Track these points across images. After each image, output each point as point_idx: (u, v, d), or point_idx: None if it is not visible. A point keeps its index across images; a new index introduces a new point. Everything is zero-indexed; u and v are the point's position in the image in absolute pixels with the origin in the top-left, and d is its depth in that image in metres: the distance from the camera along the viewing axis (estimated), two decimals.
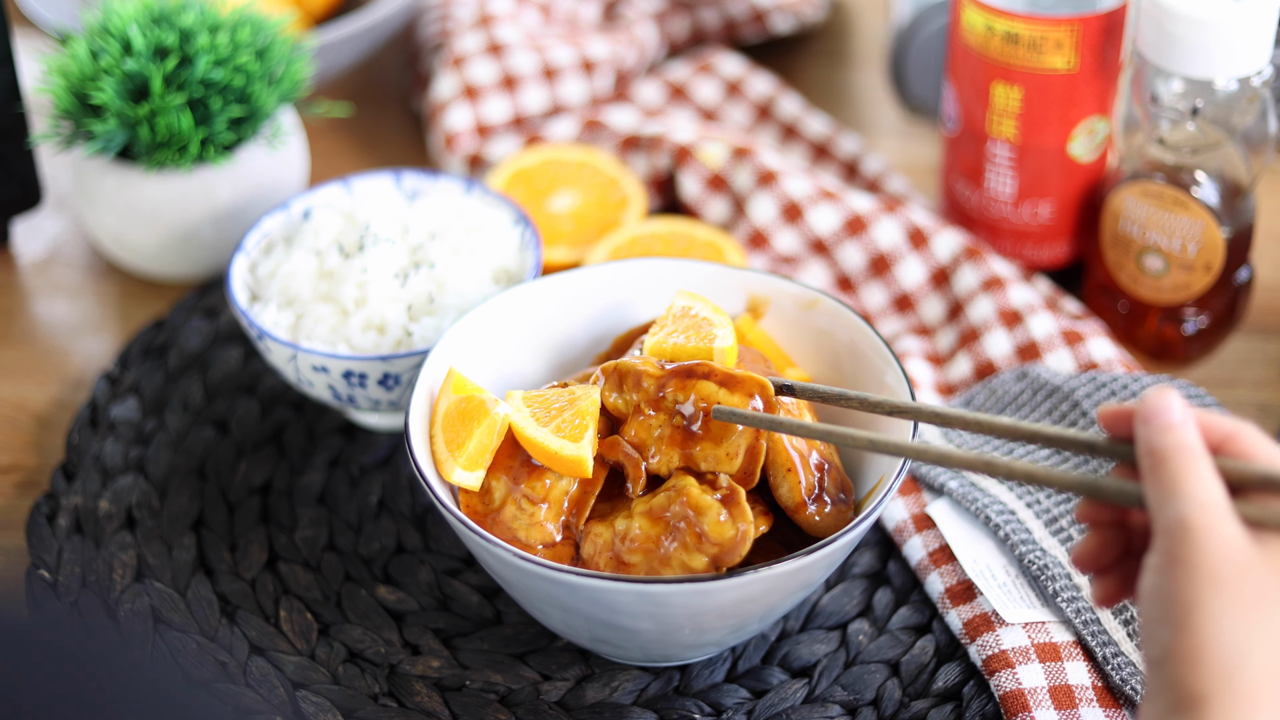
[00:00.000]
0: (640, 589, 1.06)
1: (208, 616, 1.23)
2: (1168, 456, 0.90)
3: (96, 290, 1.55)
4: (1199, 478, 0.90)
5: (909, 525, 1.26)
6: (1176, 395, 0.93)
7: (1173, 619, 0.87)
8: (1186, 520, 0.88)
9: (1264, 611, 0.86)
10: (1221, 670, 0.86)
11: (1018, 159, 1.43)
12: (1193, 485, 0.89)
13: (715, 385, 1.13)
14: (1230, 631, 0.86)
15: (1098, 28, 1.36)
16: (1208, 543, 0.87)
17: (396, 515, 1.31)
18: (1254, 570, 0.87)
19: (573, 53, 1.66)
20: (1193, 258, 1.37)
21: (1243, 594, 0.86)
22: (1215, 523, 0.88)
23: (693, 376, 1.14)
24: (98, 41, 1.45)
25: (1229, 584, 0.86)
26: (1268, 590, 0.87)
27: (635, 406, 1.16)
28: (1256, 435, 0.93)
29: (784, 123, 1.66)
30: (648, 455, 1.15)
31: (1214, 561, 0.87)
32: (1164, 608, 0.88)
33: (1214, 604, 0.86)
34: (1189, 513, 0.88)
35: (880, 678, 1.20)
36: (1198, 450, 0.91)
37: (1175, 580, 0.87)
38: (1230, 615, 0.86)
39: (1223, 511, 0.88)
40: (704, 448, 1.14)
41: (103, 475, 1.33)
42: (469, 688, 1.19)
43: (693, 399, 1.14)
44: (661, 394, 1.15)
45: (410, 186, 1.42)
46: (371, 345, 1.29)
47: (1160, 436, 0.91)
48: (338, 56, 1.65)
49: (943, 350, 1.42)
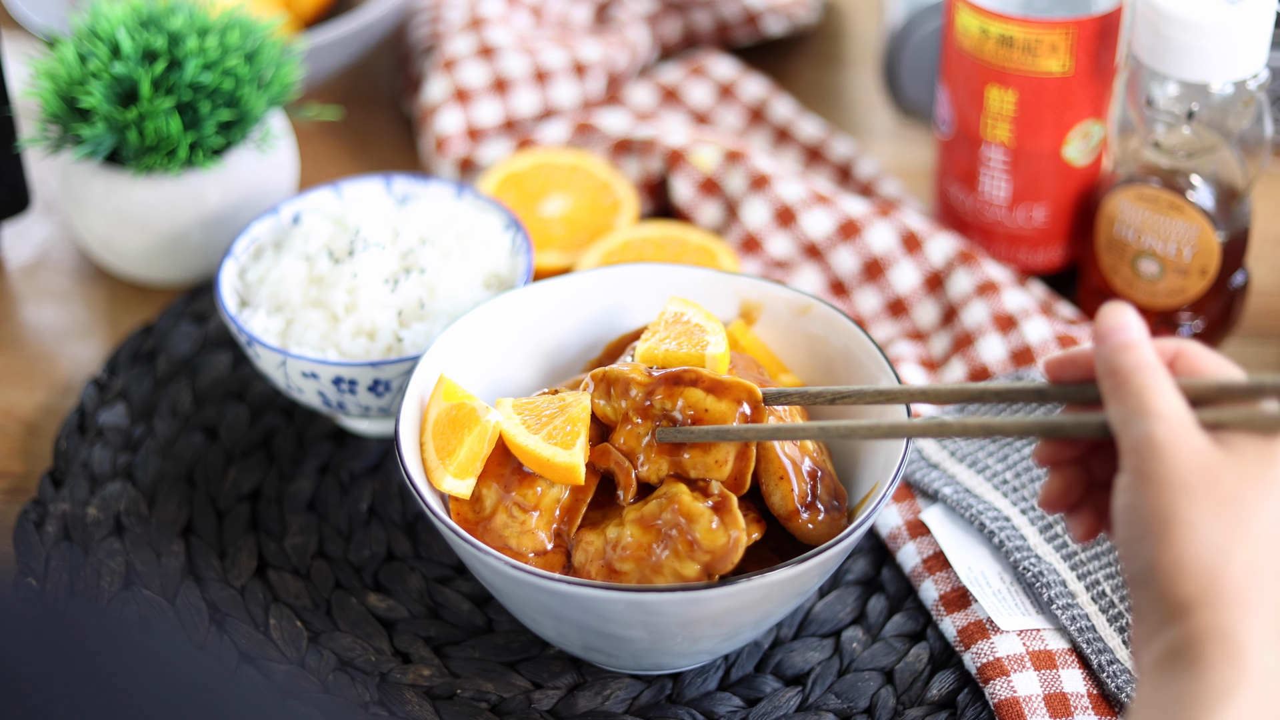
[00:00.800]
0: (632, 598, 1.05)
1: (196, 625, 1.22)
2: (1129, 374, 0.92)
3: (85, 295, 1.54)
4: (1160, 392, 0.91)
5: (903, 532, 1.26)
6: (1131, 311, 0.94)
7: (1151, 534, 0.88)
8: (1152, 436, 0.89)
9: (1238, 511, 0.88)
10: (1206, 573, 0.87)
11: (1012, 162, 1.42)
12: (1155, 400, 0.90)
13: (703, 392, 1.13)
14: (1208, 535, 0.87)
15: (1092, 31, 1.36)
16: (1175, 454, 0.88)
17: (387, 522, 1.30)
18: (1223, 473, 0.88)
19: (564, 55, 1.65)
20: (1188, 262, 1.37)
21: (1215, 497, 0.88)
22: (1181, 434, 0.89)
23: (680, 383, 1.13)
24: (86, 45, 1.44)
25: (1200, 490, 0.88)
26: (1239, 490, 0.88)
27: (624, 415, 1.15)
28: (1200, 350, 0.95)
29: (777, 126, 1.66)
30: (637, 463, 1.14)
31: (1183, 471, 0.88)
32: (1140, 525, 0.89)
33: (1188, 511, 0.88)
34: (1154, 428, 0.89)
35: (874, 686, 1.19)
36: (1156, 365, 0.92)
37: (1148, 496, 0.89)
38: (1206, 520, 0.87)
39: (1187, 422, 0.90)
40: (693, 455, 1.13)
41: (91, 482, 1.33)
42: (460, 696, 1.18)
43: (680, 406, 1.13)
44: (649, 402, 1.14)
45: (401, 191, 1.42)
46: (361, 351, 1.29)
47: (1119, 355, 0.92)
48: (328, 59, 1.64)
49: (936, 355, 1.42)
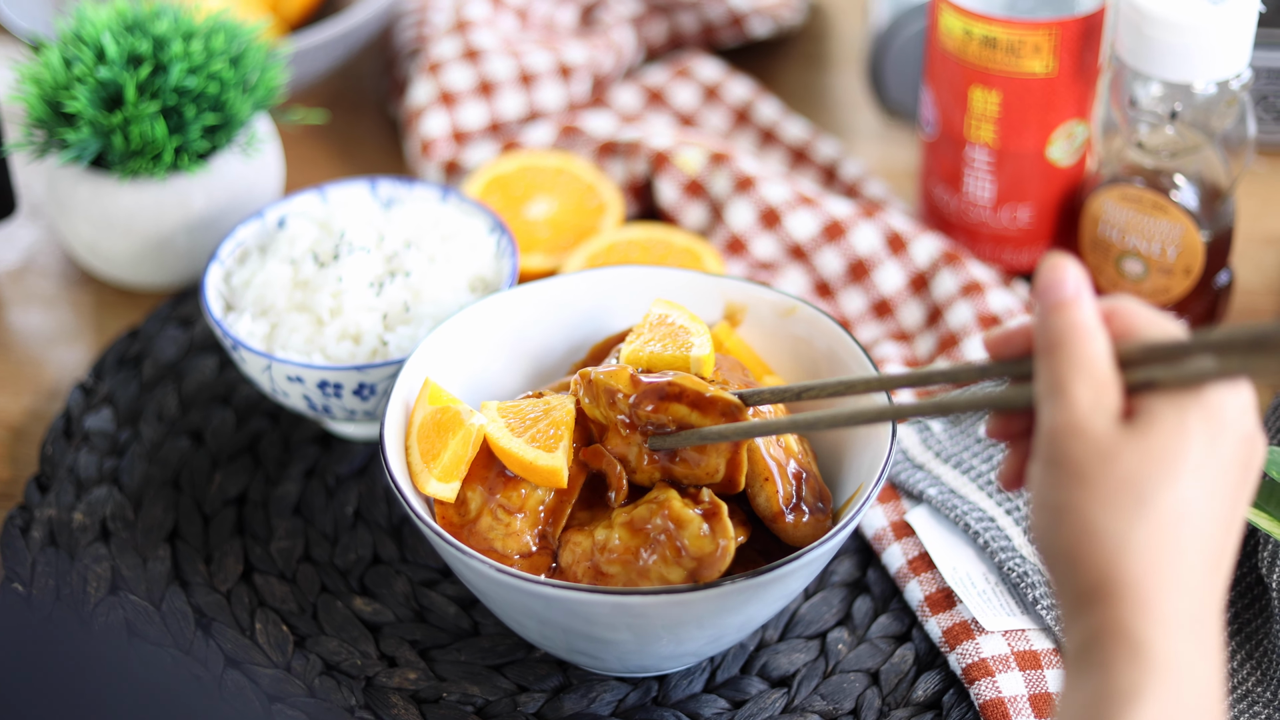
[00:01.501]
0: (617, 600, 1.06)
1: (183, 629, 1.22)
2: (1058, 341, 0.88)
3: (71, 300, 1.54)
4: (1082, 368, 0.87)
5: (888, 533, 1.26)
6: (1071, 265, 0.89)
7: (1050, 524, 0.88)
8: (1056, 423, 0.87)
9: (1134, 494, 0.86)
10: (1101, 565, 0.86)
11: (996, 163, 1.42)
12: (1071, 379, 0.87)
13: (687, 408, 1.12)
14: (1101, 523, 0.86)
15: (1076, 31, 1.36)
16: (1073, 442, 0.86)
17: (373, 526, 1.30)
18: (1120, 458, 0.86)
19: (550, 58, 1.65)
20: (1172, 262, 1.37)
21: (1108, 484, 0.86)
22: (1084, 418, 0.87)
23: (665, 399, 1.13)
24: (71, 49, 1.44)
25: (1093, 478, 0.86)
26: (1136, 472, 0.86)
27: (613, 423, 1.15)
28: (1134, 307, 0.91)
29: (762, 127, 1.66)
30: (629, 469, 1.15)
31: (1079, 459, 0.86)
32: (1042, 514, 0.88)
33: (1080, 500, 0.86)
34: (1059, 415, 0.87)
35: (859, 687, 1.19)
36: (1089, 329, 0.88)
37: (1048, 483, 0.88)
38: (1097, 507, 0.86)
39: (1095, 407, 0.87)
40: (684, 467, 1.13)
41: (77, 487, 1.33)
42: (446, 700, 1.18)
43: (667, 418, 1.13)
44: (635, 416, 1.14)
45: (386, 194, 1.42)
46: (347, 355, 1.29)
47: (1053, 316, 0.89)
48: (313, 63, 1.64)
49: (921, 356, 1.42)
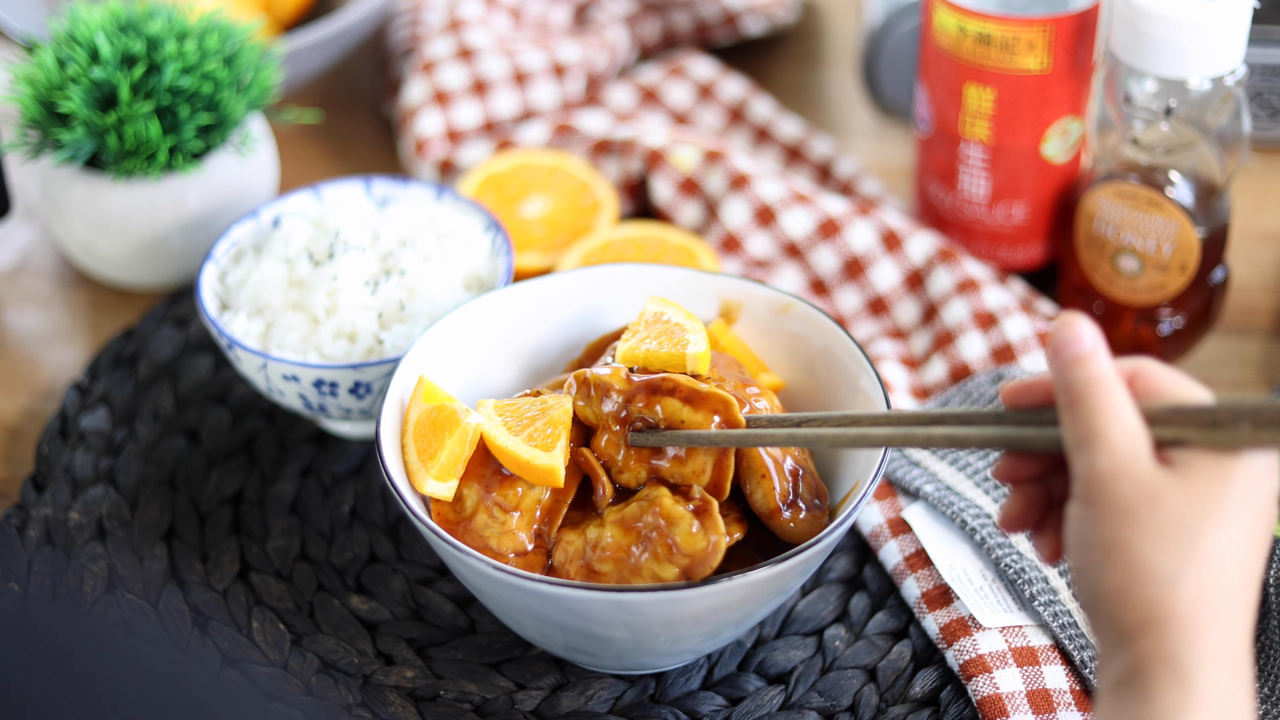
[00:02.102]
0: (614, 598, 1.05)
1: (179, 628, 1.22)
2: (1082, 393, 0.89)
3: (66, 300, 1.54)
4: (1110, 413, 0.89)
5: (885, 530, 1.26)
6: (1086, 322, 0.91)
7: (1097, 562, 0.88)
8: (1096, 465, 0.88)
9: (1185, 535, 0.87)
10: (1151, 602, 0.86)
11: (991, 160, 1.42)
12: (1104, 423, 0.89)
13: (679, 402, 1.13)
14: (1154, 560, 0.87)
15: (1070, 28, 1.36)
16: (1120, 482, 0.88)
17: (369, 524, 1.30)
18: (1167, 498, 0.87)
19: (543, 57, 1.65)
20: (1168, 258, 1.37)
21: (1158, 523, 0.87)
22: (1127, 462, 0.88)
23: (658, 393, 1.13)
24: (65, 50, 1.44)
25: (1143, 517, 0.87)
26: (1184, 514, 0.87)
27: (604, 421, 1.15)
28: (1157, 369, 0.92)
29: (756, 125, 1.66)
30: (616, 470, 1.15)
31: (1127, 499, 0.87)
32: (1087, 552, 0.89)
33: (1131, 538, 0.87)
34: (1098, 458, 0.88)
35: (857, 683, 1.19)
36: (1111, 381, 0.90)
37: (1093, 523, 0.88)
38: (1149, 544, 0.87)
39: (1134, 448, 0.88)
40: (672, 465, 1.13)
41: (73, 486, 1.32)
42: (443, 698, 1.18)
43: (659, 413, 1.13)
44: (626, 411, 1.14)
45: (380, 193, 1.41)
46: (342, 354, 1.29)
47: (1073, 370, 0.90)
48: (307, 63, 1.64)
49: (917, 353, 1.42)
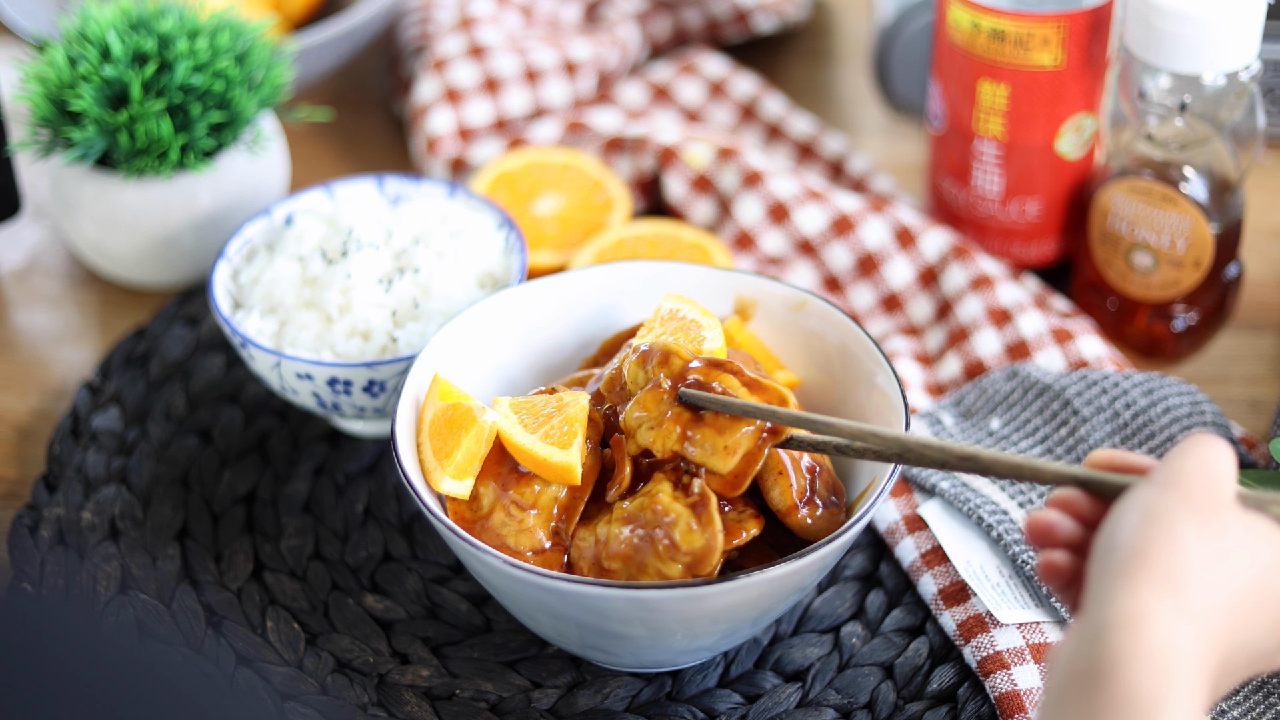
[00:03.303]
0: (631, 595, 1.05)
1: (193, 628, 1.22)
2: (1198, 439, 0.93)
3: (76, 299, 1.54)
4: (1217, 447, 0.93)
5: (901, 526, 1.25)
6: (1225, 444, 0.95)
7: (1133, 520, 0.90)
8: (1190, 456, 0.92)
9: (1222, 545, 0.89)
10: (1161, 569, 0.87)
11: (1005, 157, 1.42)
12: (1207, 449, 0.93)
13: (739, 383, 1.12)
14: (1184, 540, 0.88)
15: (1084, 24, 1.36)
16: (1200, 477, 0.91)
17: (383, 523, 1.30)
18: (1228, 517, 0.90)
19: (555, 54, 1.65)
20: (1182, 254, 1.37)
21: (1209, 525, 0.90)
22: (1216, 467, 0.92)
23: (720, 369, 1.13)
24: (75, 48, 1.44)
25: (1201, 512, 0.90)
26: (1232, 536, 0.90)
27: (655, 381, 1.14)
28: None
29: (768, 123, 1.65)
30: (649, 426, 1.13)
31: (1199, 493, 0.91)
32: (1131, 513, 0.90)
33: (1181, 516, 0.89)
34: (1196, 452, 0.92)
35: (874, 681, 1.18)
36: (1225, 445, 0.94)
37: (1155, 496, 0.91)
38: (1189, 530, 0.89)
39: (1228, 471, 0.92)
40: (705, 434, 1.12)
41: (85, 486, 1.32)
42: (459, 696, 1.18)
43: (714, 385, 1.12)
44: (683, 373, 1.13)
45: (393, 191, 1.41)
46: (356, 352, 1.28)
47: (1195, 436, 0.94)
48: (318, 60, 1.64)
49: (932, 350, 1.41)
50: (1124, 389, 1.30)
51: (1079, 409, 1.30)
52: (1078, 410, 1.30)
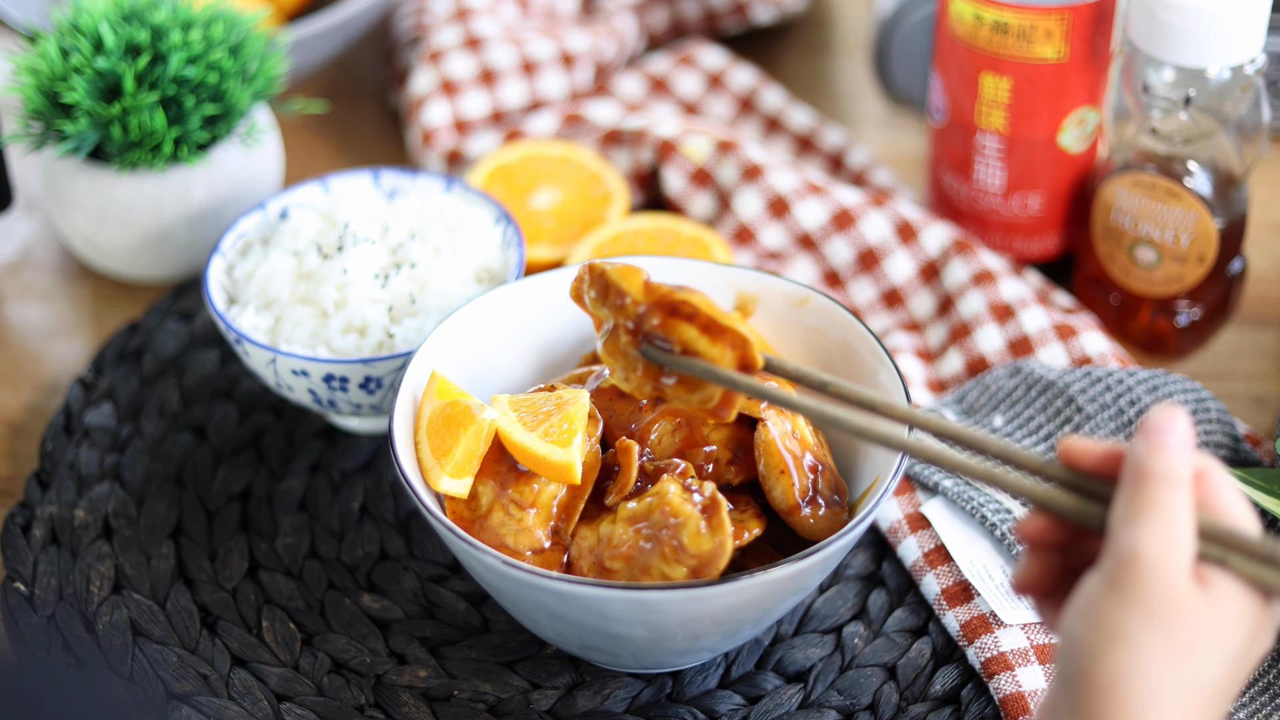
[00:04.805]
0: (632, 596, 1.04)
1: (188, 628, 1.21)
2: (1153, 479, 0.88)
3: (69, 293, 1.52)
4: (1171, 511, 0.88)
5: (903, 525, 1.24)
6: (1184, 418, 0.90)
7: (1097, 643, 0.87)
8: (1140, 549, 0.87)
9: (1189, 658, 0.86)
10: (1132, 707, 0.85)
11: (1007, 150, 1.41)
12: (1161, 515, 0.88)
13: (697, 330, 1.08)
14: (1151, 668, 0.85)
15: (1088, 16, 1.34)
16: (1154, 577, 0.86)
17: (379, 521, 1.28)
18: (1190, 615, 0.86)
19: (552, 46, 1.64)
20: (1185, 249, 1.36)
21: (1172, 636, 0.86)
22: (1168, 560, 0.87)
23: (676, 315, 1.09)
24: (68, 39, 1.42)
25: (1162, 623, 0.86)
26: (1197, 637, 0.86)
27: (614, 326, 1.12)
28: (1223, 478, 0.91)
29: (767, 115, 1.64)
30: (621, 376, 1.12)
31: (1155, 597, 0.86)
32: (1092, 629, 0.87)
33: (1142, 637, 0.86)
34: (1144, 543, 0.87)
35: (877, 681, 1.17)
36: (1183, 481, 0.89)
37: (1111, 604, 0.87)
38: (1154, 652, 0.86)
39: (1180, 552, 0.87)
40: (677, 389, 1.10)
41: (78, 483, 1.31)
42: (457, 697, 1.17)
43: (673, 337, 1.09)
44: (638, 324, 1.11)
45: (389, 185, 1.40)
46: (352, 348, 1.27)
47: (1155, 456, 0.89)
48: (311, 52, 1.62)
49: (933, 346, 1.40)
50: (1128, 386, 1.29)
51: (1083, 406, 1.29)
52: (1081, 407, 1.29)
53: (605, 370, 1.19)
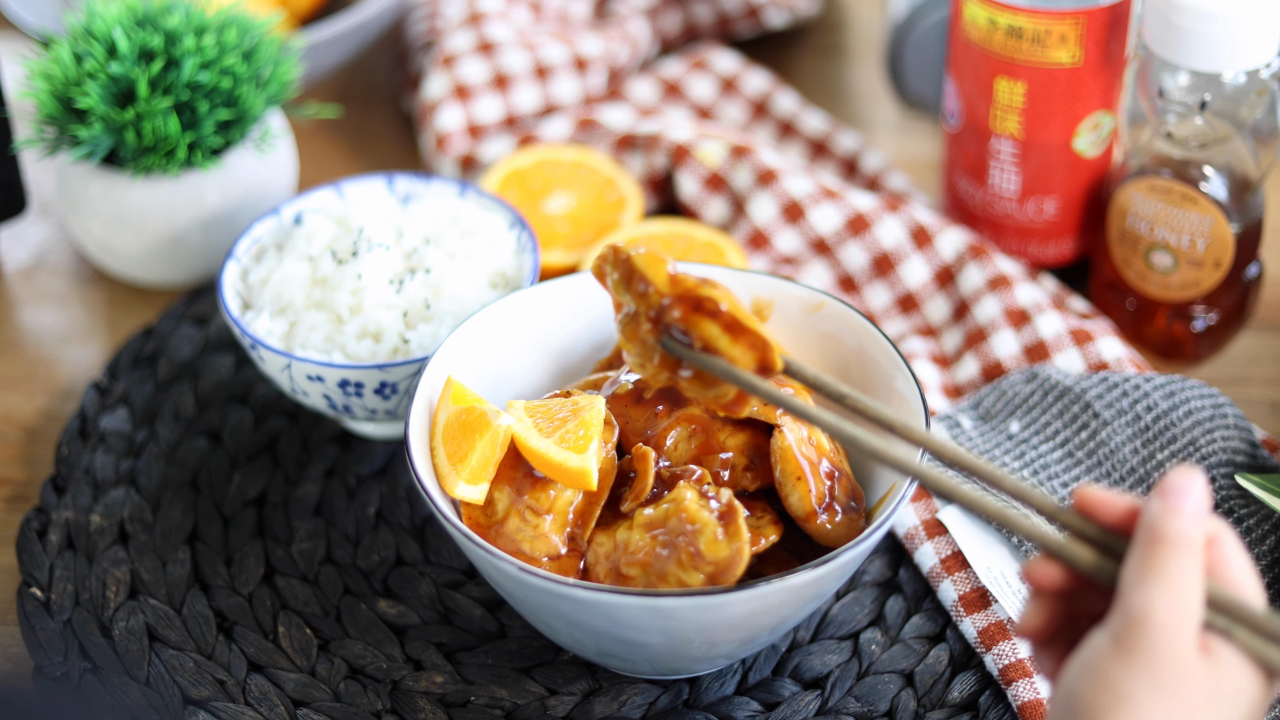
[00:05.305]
0: (649, 603, 1.04)
1: (204, 633, 1.21)
2: (1167, 541, 0.89)
3: (84, 298, 1.52)
4: (1183, 576, 0.88)
5: (920, 531, 1.24)
6: (1201, 482, 0.91)
7: (1101, 704, 0.87)
8: (1151, 613, 0.87)
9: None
10: None
11: (1022, 155, 1.40)
12: (1173, 580, 0.88)
13: (720, 329, 1.08)
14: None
15: (1102, 21, 1.34)
16: (1162, 642, 0.86)
17: (395, 527, 1.28)
18: (1194, 684, 0.86)
19: (565, 50, 1.63)
20: (1202, 254, 1.35)
21: (1175, 703, 0.86)
22: (1177, 626, 0.87)
23: (700, 311, 1.08)
24: (81, 45, 1.42)
25: (1169, 689, 0.86)
26: (1198, 707, 0.86)
27: (635, 312, 1.11)
28: (1234, 546, 0.92)
29: (781, 119, 1.64)
30: (637, 363, 1.11)
31: (1162, 663, 0.86)
32: (1095, 689, 0.87)
33: (1147, 702, 0.86)
34: (1156, 607, 0.87)
35: (894, 688, 1.17)
36: (1196, 547, 0.89)
37: (1117, 666, 0.87)
38: (1156, 718, 0.86)
39: (1189, 619, 0.87)
40: (692, 383, 1.10)
41: (94, 488, 1.31)
42: (474, 704, 1.16)
43: (694, 333, 1.09)
44: (660, 313, 1.10)
45: (403, 190, 1.40)
46: (367, 353, 1.27)
47: (1170, 518, 0.89)
48: (324, 57, 1.62)
49: (949, 351, 1.40)
50: (1145, 391, 1.29)
51: (1099, 412, 1.28)
52: (1098, 413, 1.28)
53: (621, 376, 1.19)
